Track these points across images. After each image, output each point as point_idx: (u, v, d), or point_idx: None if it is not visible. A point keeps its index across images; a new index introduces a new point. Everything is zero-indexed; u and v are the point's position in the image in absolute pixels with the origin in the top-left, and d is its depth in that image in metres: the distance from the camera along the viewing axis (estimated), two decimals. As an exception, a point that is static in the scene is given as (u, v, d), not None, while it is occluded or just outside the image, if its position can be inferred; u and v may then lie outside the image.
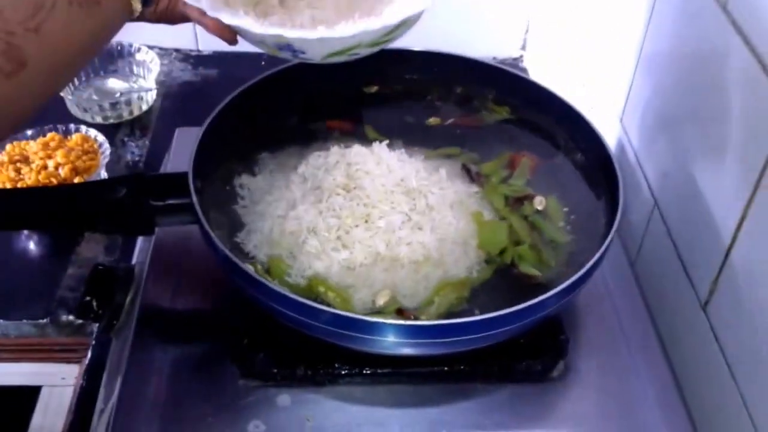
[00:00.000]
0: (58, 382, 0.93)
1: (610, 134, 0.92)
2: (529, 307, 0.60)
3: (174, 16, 0.65)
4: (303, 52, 0.64)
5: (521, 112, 0.85)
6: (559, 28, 1.15)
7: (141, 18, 0.64)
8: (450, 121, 0.85)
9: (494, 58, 1.26)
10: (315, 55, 0.65)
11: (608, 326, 0.73)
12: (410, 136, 0.82)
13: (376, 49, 0.67)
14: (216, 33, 0.65)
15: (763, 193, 0.62)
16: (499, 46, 1.29)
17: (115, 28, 0.60)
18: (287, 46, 0.63)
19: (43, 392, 0.92)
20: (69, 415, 0.88)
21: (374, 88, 0.87)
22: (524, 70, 1.27)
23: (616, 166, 0.71)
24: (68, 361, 0.93)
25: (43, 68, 0.53)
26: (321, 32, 0.62)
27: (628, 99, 0.89)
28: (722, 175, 0.68)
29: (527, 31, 1.29)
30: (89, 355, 0.87)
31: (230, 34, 0.65)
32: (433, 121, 0.85)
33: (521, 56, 1.31)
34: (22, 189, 0.91)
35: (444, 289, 0.68)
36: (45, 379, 0.93)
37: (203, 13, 0.63)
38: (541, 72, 1.21)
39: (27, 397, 0.92)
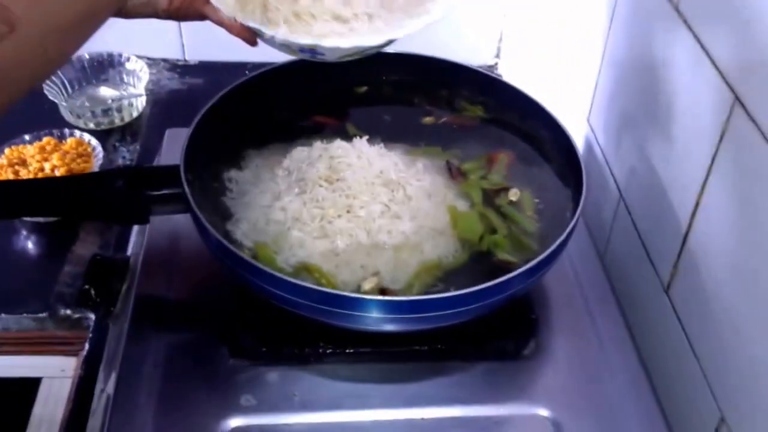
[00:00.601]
0: (57, 373, 0.96)
1: (578, 133, 0.98)
2: (498, 284, 0.65)
3: (189, 14, 0.67)
4: (322, 54, 0.68)
5: (499, 113, 0.89)
6: (530, 37, 1.21)
7: (155, 15, 0.66)
8: (443, 119, 0.89)
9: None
10: (333, 57, 0.69)
11: (577, 310, 0.78)
12: (391, 134, 0.86)
13: (384, 48, 0.71)
14: (238, 35, 0.67)
15: (713, 181, 0.67)
16: (474, 54, 1.35)
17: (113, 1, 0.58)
18: (309, 49, 0.67)
19: (44, 383, 0.95)
20: (68, 403, 0.91)
21: (363, 89, 0.92)
22: (500, 76, 1.32)
23: (579, 153, 0.77)
24: (67, 353, 0.96)
25: (34, 32, 0.51)
26: (353, 41, 0.66)
27: (593, 100, 0.95)
28: (678, 167, 0.74)
29: (501, 39, 1.35)
30: (87, 345, 0.91)
31: (251, 35, 0.67)
32: (428, 120, 0.89)
33: (496, 63, 1.37)
34: (29, 180, 0.95)
35: (422, 273, 0.72)
36: (45, 371, 0.96)
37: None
38: (515, 78, 1.27)
39: (28, 388, 0.95)
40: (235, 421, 0.67)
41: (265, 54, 0.79)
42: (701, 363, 0.69)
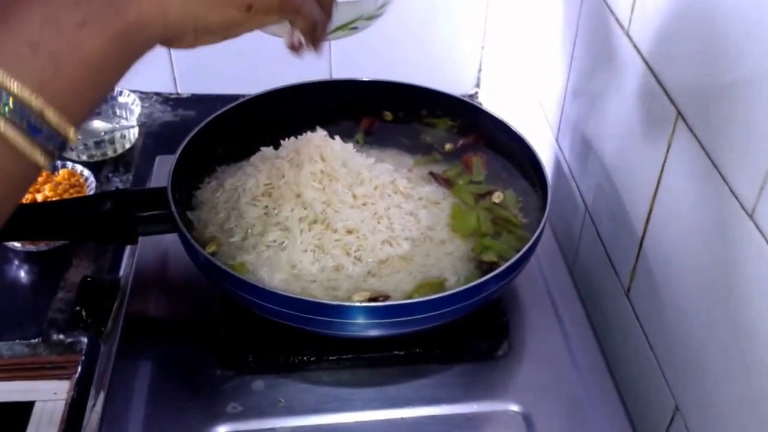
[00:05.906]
0: (50, 397, 0.97)
1: (548, 153, 1.03)
2: (470, 288, 0.69)
3: None
4: None
5: (483, 136, 0.93)
6: (507, 67, 1.27)
7: None
8: (460, 143, 0.93)
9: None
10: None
11: (546, 314, 0.82)
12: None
13: (371, 23, 0.73)
14: None
15: (662, 189, 0.72)
16: (455, 84, 1.41)
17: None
18: None
19: (36, 407, 0.97)
20: (62, 424, 0.94)
21: (389, 115, 0.96)
22: (480, 104, 1.38)
23: (542, 162, 0.82)
24: (59, 377, 0.97)
25: None
26: None
27: (560, 122, 1.00)
28: (634, 179, 0.79)
29: (480, 70, 1.41)
30: (80, 368, 0.94)
31: None
32: (448, 147, 0.93)
33: (476, 93, 1.43)
34: (21, 205, 0.97)
35: (424, 288, 0.75)
36: (38, 395, 0.97)
37: None
38: (494, 105, 1.33)
39: (21, 412, 0.96)
40: (222, 428, 0.70)
41: (256, 86, 0.85)
42: (658, 358, 0.74)
